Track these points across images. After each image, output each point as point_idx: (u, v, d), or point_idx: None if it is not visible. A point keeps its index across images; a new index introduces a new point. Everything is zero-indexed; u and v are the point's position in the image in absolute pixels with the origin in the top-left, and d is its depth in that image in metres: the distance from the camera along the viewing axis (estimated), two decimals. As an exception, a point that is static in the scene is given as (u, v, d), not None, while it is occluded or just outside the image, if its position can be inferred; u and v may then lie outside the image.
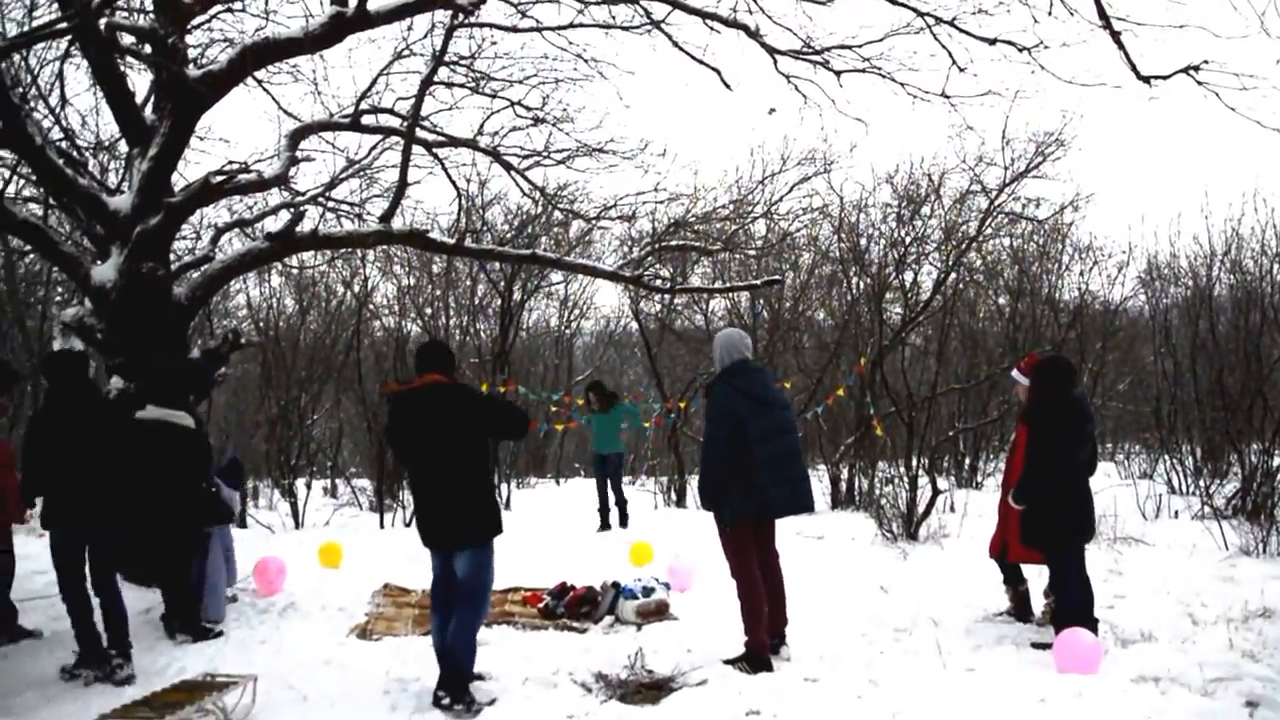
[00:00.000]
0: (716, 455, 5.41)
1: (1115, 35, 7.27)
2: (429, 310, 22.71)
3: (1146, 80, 7.41)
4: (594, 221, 13.84)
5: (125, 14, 8.85)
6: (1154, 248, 23.33)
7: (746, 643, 5.47)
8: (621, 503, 11.43)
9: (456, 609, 4.95)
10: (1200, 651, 5.36)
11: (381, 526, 12.44)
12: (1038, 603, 6.37)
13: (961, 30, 8.46)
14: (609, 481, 11.39)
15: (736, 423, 5.32)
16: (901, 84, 9.20)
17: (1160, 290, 16.23)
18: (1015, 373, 6.41)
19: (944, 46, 8.65)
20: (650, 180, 24.29)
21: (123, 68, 8.31)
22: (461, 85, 10.82)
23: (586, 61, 10.36)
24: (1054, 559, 5.66)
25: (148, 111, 8.54)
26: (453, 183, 11.88)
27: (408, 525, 11.88)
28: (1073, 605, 5.52)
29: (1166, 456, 13.39)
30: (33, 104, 8.97)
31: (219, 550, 6.89)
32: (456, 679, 4.86)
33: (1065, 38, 7.94)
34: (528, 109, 11.03)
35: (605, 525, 11.33)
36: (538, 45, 13.13)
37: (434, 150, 11.18)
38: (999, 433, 15.34)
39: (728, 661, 5.47)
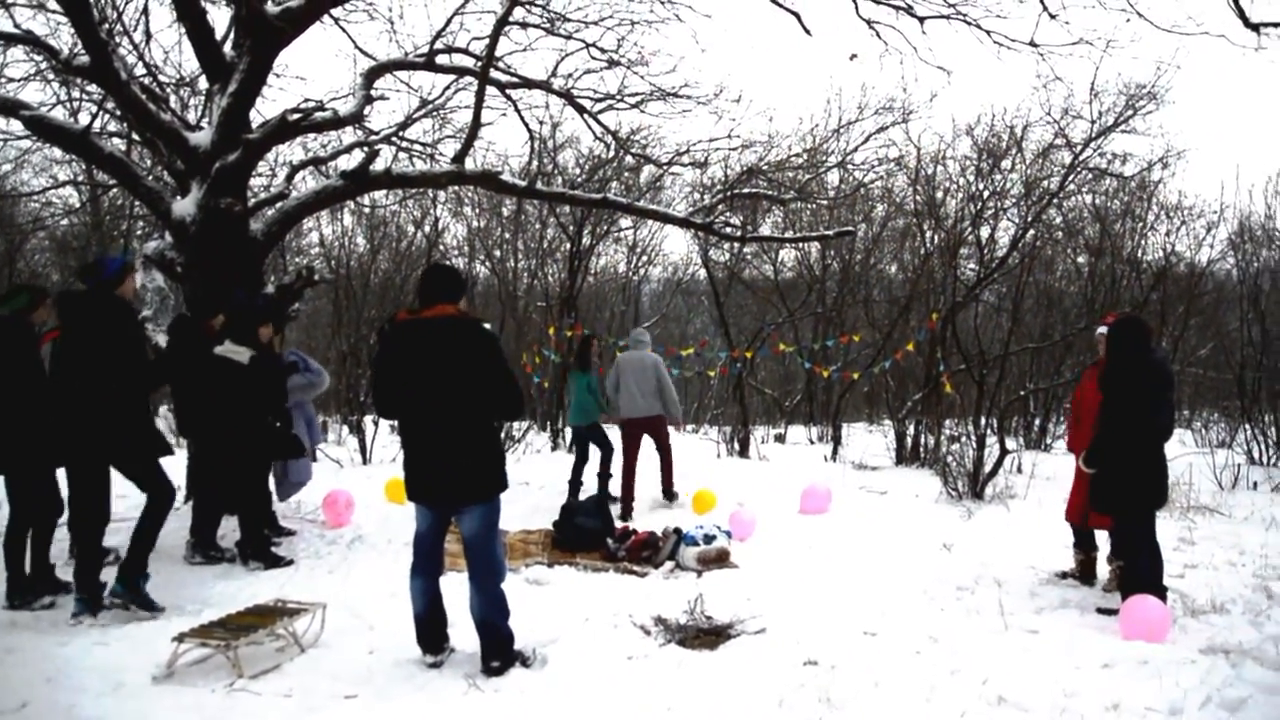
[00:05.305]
0: None
1: (1223, -21, 6.94)
2: (498, 252, 22.88)
3: (1255, 28, 7.07)
4: (666, 167, 13.73)
5: (207, -51, 8.91)
6: (1248, 208, 22.42)
7: None
8: (606, 476, 9.44)
9: (475, 577, 4.51)
10: (1275, 625, 5.22)
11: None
12: (1103, 568, 6.25)
13: (1055, -26, 8.15)
14: (595, 451, 9.54)
15: None
16: (988, 31, 8.91)
17: (1251, 253, 15.62)
18: (1103, 329, 6.09)
19: (1035, -8, 8.34)
20: (724, 126, 24.13)
21: (203, 3, 8.39)
22: (536, 26, 10.73)
23: (664, 3, 10.20)
24: (1123, 524, 5.53)
25: (227, 48, 8.63)
26: (525, 125, 11.88)
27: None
28: (1141, 572, 5.38)
29: (1248, 426, 12.99)
30: (118, 39, 9.12)
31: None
32: (501, 644, 4.56)
33: (1166, -17, 7.58)
34: (602, 51, 10.91)
35: (574, 496, 9.17)
36: (615, -16, 12.96)
37: (507, 91, 11.15)
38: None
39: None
